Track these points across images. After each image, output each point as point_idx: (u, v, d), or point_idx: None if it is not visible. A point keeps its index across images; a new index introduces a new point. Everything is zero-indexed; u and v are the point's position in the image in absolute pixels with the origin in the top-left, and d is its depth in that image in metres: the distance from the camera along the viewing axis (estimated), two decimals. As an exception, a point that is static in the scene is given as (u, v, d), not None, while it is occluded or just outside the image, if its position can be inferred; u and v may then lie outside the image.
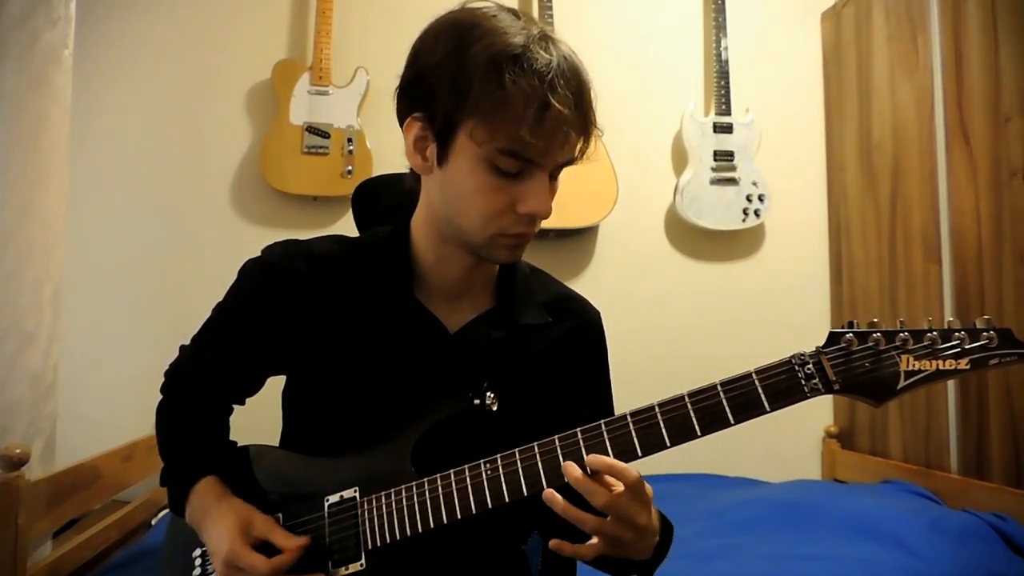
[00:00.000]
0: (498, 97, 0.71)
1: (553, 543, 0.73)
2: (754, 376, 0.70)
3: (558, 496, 0.71)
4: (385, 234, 0.90)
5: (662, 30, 2.57)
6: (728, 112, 2.43)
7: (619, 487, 0.71)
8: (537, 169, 0.76)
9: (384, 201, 1.02)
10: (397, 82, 0.81)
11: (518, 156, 0.74)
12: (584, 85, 0.76)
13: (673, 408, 0.71)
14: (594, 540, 0.73)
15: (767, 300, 2.50)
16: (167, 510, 1.80)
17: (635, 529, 0.72)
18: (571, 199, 2.23)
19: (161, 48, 2.30)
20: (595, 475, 0.71)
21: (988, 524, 1.61)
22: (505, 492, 0.74)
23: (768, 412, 0.70)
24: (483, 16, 0.76)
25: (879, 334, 0.68)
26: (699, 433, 0.71)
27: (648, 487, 0.74)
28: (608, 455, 0.72)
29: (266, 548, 0.79)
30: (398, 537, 0.77)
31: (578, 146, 0.78)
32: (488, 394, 0.82)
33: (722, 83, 2.44)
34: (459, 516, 0.75)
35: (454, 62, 0.73)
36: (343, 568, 0.79)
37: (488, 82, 0.71)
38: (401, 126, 0.81)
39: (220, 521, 0.81)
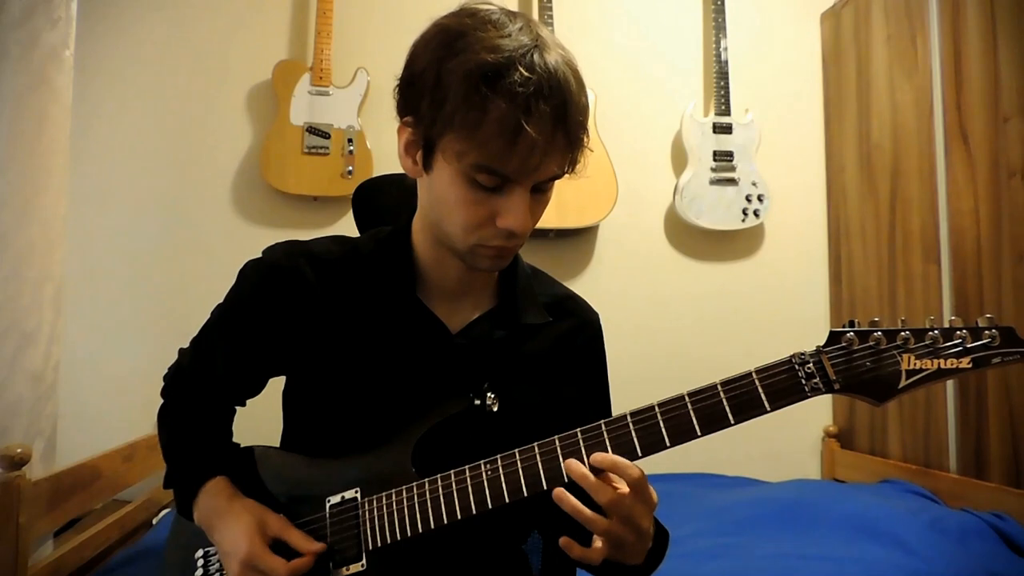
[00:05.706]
0: (471, 117, 0.69)
1: (563, 541, 0.71)
2: (754, 376, 0.70)
3: (568, 495, 0.70)
4: (386, 235, 0.90)
5: (662, 30, 2.58)
6: (728, 112, 2.44)
7: (623, 486, 0.71)
8: (515, 185, 0.73)
9: (385, 201, 1.02)
10: (396, 82, 0.80)
11: (494, 173, 0.72)
12: (570, 102, 0.71)
13: (673, 408, 0.71)
14: (598, 544, 0.71)
15: (767, 300, 2.50)
16: (168, 510, 1.82)
17: (637, 532, 0.72)
18: (571, 199, 2.23)
19: (162, 48, 2.30)
20: (599, 474, 0.71)
21: (987, 524, 1.61)
22: (505, 492, 0.74)
23: (768, 412, 0.70)
24: (472, 25, 0.72)
25: (880, 333, 0.68)
26: (699, 433, 0.71)
27: (653, 491, 0.74)
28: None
29: (278, 547, 0.79)
30: (398, 537, 0.77)
31: (563, 164, 0.75)
32: (489, 394, 0.82)
33: (722, 83, 2.45)
34: (459, 516, 0.75)
35: (434, 73, 0.72)
36: (344, 569, 0.79)
37: (463, 99, 0.69)
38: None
39: (235, 521, 0.80)
